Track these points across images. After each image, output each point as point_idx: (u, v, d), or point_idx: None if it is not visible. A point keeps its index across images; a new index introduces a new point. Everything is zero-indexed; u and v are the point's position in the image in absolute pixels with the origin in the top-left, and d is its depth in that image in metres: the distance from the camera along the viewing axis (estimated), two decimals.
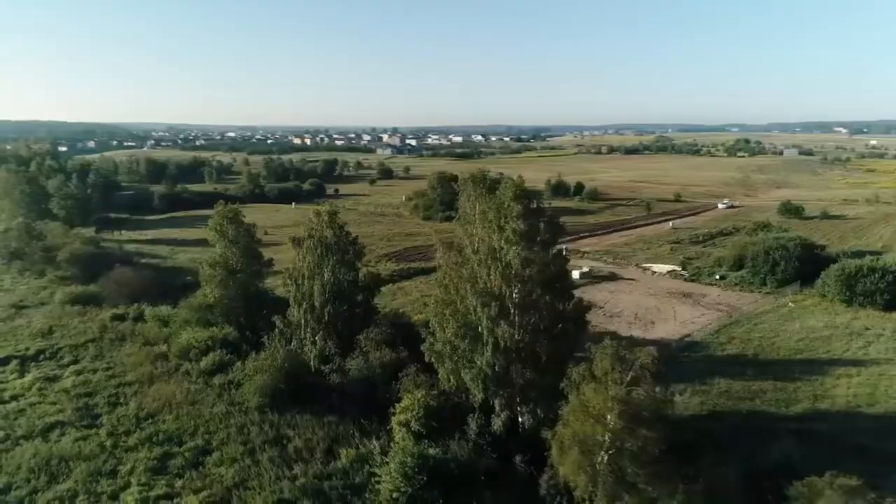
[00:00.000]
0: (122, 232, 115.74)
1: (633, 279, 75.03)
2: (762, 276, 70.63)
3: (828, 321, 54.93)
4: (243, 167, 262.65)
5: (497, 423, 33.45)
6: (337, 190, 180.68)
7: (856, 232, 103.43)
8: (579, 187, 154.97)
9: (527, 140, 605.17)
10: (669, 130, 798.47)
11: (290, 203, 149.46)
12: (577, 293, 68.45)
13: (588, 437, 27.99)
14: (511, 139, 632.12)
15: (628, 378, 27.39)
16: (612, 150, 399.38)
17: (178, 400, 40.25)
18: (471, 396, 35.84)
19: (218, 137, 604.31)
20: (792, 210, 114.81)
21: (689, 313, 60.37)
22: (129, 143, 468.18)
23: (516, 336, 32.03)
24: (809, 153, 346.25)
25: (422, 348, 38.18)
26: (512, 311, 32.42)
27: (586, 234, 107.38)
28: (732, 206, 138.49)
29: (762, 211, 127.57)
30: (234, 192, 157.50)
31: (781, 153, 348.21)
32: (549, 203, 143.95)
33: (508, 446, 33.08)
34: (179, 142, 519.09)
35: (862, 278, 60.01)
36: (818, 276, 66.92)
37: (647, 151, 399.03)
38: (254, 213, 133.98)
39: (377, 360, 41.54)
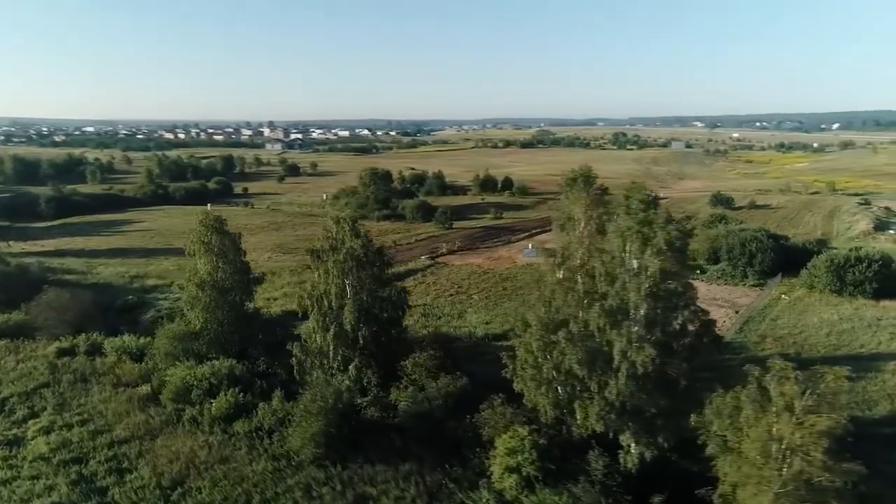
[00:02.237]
0: (10, 243, 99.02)
1: None
2: (742, 268, 71.06)
3: (839, 313, 55.35)
4: (125, 165, 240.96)
5: (630, 461, 29.02)
6: (246, 189, 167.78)
7: (788, 221, 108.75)
8: (507, 182, 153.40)
9: (414, 134, 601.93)
10: (542, 125, 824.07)
11: (204, 204, 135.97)
12: None
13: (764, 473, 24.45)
14: (398, 133, 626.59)
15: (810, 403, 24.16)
16: (507, 143, 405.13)
17: (203, 458, 32.32)
18: (577, 429, 31.28)
19: (77, 133, 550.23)
20: (722, 201, 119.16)
21: None
22: None
23: (653, 358, 27.70)
24: (689, 146, 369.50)
25: (506, 374, 33.33)
26: (645, 331, 28.05)
27: (537, 230, 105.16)
28: (657, 198, 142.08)
29: (690, 202, 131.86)
30: (134, 193, 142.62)
31: (667, 146, 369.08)
32: (483, 199, 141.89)
33: (641, 485, 28.87)
34: (35, 137, 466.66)
35: (850, 268, 61.36)
36: (790, 267, 68.50)
37: (540, 145, 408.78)
38: (165, 218, 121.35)
39: (437, 391, 35.72)
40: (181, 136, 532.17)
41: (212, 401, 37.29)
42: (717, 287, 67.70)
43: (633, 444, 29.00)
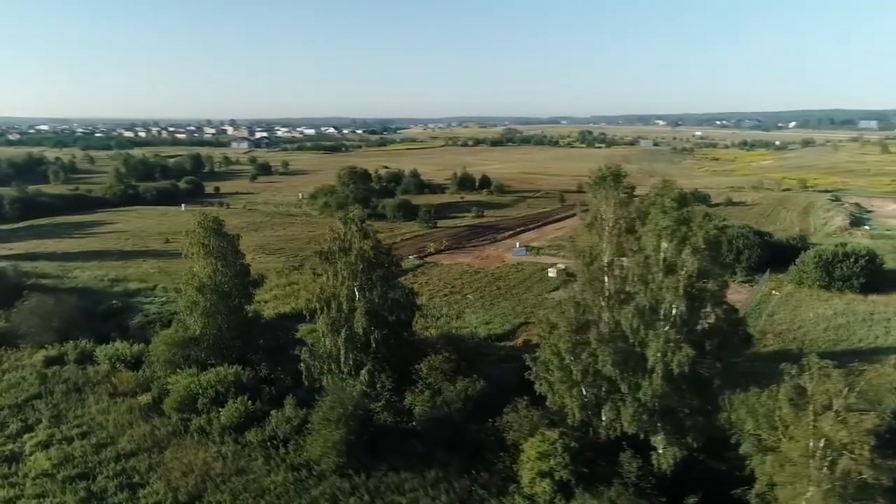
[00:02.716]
0: None
1: None
2: (730, 265, 71.77)
3: (832, 308, 56.29)
4: (87, 164, 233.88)
5: (664, 462, 28.65)
6: (218, 188, 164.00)
7: (765, 217, 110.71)
8: (485, 180, 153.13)
9: (381, 132, 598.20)
10: (507, 123, 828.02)
11: (176, 205, 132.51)
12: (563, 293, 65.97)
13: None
14: (364, 131, 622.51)
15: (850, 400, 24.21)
16: (477, 142, 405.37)
17: (218, 470, 31.02)
18: (603, 431, 30.92)
19: (32, 131, 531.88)
20: (699, 198, 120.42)
21: None
22: None
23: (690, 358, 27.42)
24: (656, 144, 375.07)
25: (529, 377, 32.79)
26: (680, 330, 27.73)
27: (520, 228, 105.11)
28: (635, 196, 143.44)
29: None
30: (103, 193, 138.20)
31: (635, 144, 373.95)
32: (462, 197, 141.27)
33: (675, 487, 28.58)
34: None
35: (838, 263, 62.51)
36: (776, 263, 69.58)
37: (510, 143, 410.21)
38: (139, 219, 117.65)
39: (456, 394, 34.93)
40: (141, 134, 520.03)
41: (220, 409, 35.88)
42: None
43: (666, 445, 28.60)
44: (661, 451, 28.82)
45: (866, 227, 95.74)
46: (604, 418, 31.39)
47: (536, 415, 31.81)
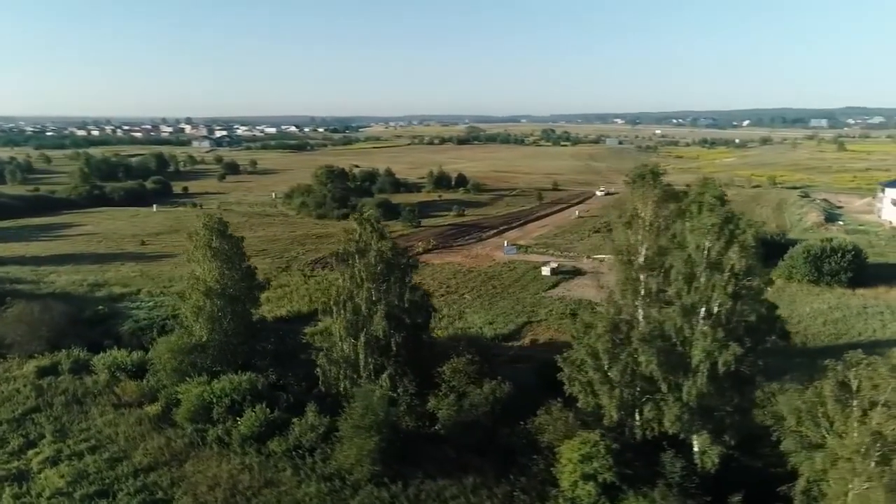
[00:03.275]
0: None
1: (599, 272, 73.42)
2: None
3: (826, 302, 57.44)
4: (43, 164, 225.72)
5: (709, 461, 28.52)
6: (186, 188, 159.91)
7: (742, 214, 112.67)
8: (461, 179, 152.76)
9: (343, 130, 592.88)
10: (467, 121, 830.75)
11: (144, 205, 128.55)
12: (562, 291, 66.07)
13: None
14: (326, 130, 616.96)
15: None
16: (444, 140, 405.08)
17: (247, 483, 29.74)
18: (639, 431, 30.70)
19: None
20: (674, 195, 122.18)
21: None
22: None
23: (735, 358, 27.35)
24: (620, 143, 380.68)
25: (561, 378, 32.37)
26: (726, 329, 27.62)
27: (504, 226, 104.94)
28: (609, 194, 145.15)
29: None
30: (67, 194, 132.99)
31: (598, 142, 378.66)
32: (440, 196, 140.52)
33: (717, 485, 28.49)
34: None
35: (826, 258, 63.91)
36: (765, 257, 70.93)
37: (476, 142, 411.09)
38: (109, 220, 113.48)
39: (485, 397, 34.27)
40: (95, 133, 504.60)
41: (237, 419, 34.47)
42: None
43: (709, 444, 28.47)
44: (704, 451, 28.67)
45: (840, 223, 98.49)
46: (637, 419, 31.18)
47: (572, 416, 31.38)
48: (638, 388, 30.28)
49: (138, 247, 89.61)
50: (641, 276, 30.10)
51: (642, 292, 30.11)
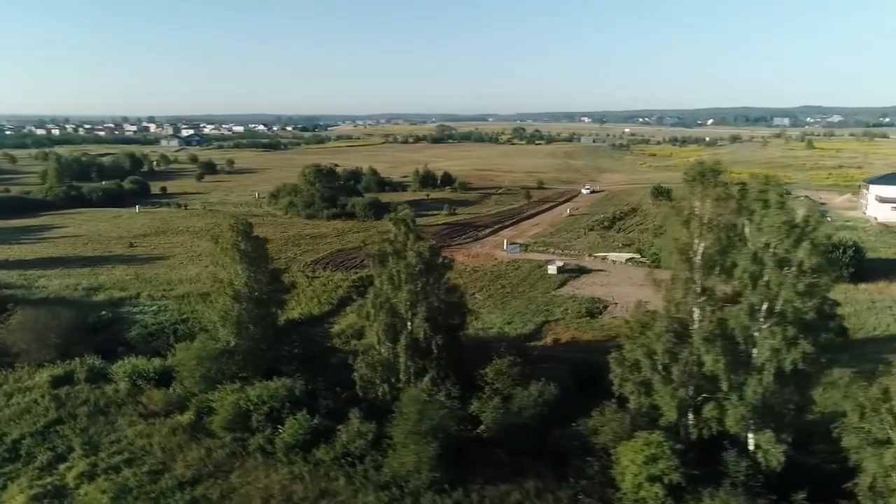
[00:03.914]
0: None
1: (602, 270, 73.73)
2: None
3: (834, 297, 58.11)
4: (7, 164, 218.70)
5: (774, 459, 28.39)
6: (164, 188, 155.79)
7: None
8: (446, 178, 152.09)
9: (312, 129, 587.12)
10: (434, 120, 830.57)
11: (122, 206, 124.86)
12: (571, 290, 65.96)
13: None
14: (295, 128, 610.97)
15: None
16: (418, 139, 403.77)
17: (301, 494, 28.70)
18: (695, 431, 30.51)
19: None
20: (663, 193, 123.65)
21: None
22: None
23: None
24: (594, 141, 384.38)
25: (612, 378, 32.05)
26: (794, 328, 27.55)
27: (498, 225, 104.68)
28: (594, 192, 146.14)
29: (628, 195, 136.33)
30: (43, 195, 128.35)
31: (571, 140, 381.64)
32: (427, 195, 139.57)
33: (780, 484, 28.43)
34: None
35: (828, 254, 64.83)
36: None
37: (450, 140, 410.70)
38: (91, 222, 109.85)
39: (533, 399, 33.73)
40: (55, 132, 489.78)
41: (276, 426, 33.33)
42: None
43: (773, 443, 28.39)
44: (767, 449, 28.56)
45: (828, 219, 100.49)
46: (691, 418, 31.01)
47: (628, 417, 31.04)
48: (691, 388, 30.10)
49: (127, 249, 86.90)
50: (697, 275, 29.87)
51: (698, 290, 29.88)
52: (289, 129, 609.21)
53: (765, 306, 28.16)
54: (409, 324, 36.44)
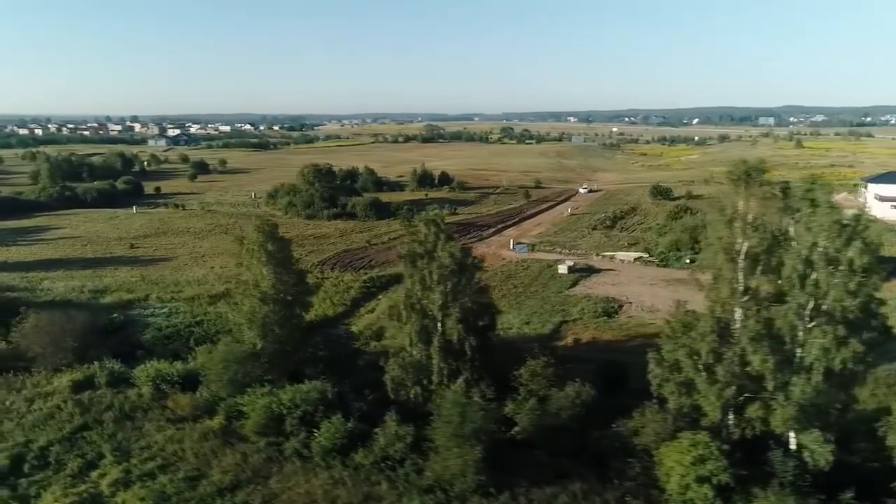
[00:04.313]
0: None
1: (611, 270, 73.77)
2: None
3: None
4: None
5: (822, 459, 28.32)
6: (158, 188, 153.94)
7: None
8: (444, 177, 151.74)
9: (299, 129, 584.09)
10: (420, 119, 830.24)
11: (117, 206, 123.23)
12: (583, 289, 65.85)
13: None
14: (281, 128, 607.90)
15: None
16: (408, 138, 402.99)
17: (346, 500, 28.25)
18: (737, 431, 30.40)
19: None
20: (661, 192, 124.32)
21: None
22: None
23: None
24: (584, 140, 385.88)
25: (651, 378, 31.89)
26: (845, 328, 27.50)
27: (500, 225, 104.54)
28: (592, 191, 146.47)
29: (626, 194, 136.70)
30: (36, 196, 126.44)
31: (561, 140, 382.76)
32: (426, 195, 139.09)
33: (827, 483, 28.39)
34: None
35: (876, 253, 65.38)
36: None
37: (441, 140, 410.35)
38: (87, 223, 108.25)
39: (571, 401, 33.48)
40: (38, 132, 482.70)
41: (310, 430, 32.82)
42: None
43: (821, 442, 28.34)
44: (815, 449, 28.49)
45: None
46: (731, 418, 30.93)
47: (671, 418, 30.88)
48: (735, 388, 29.99)
49: (128, 250, 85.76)
50: (740, 275, 29.76)
51: (741, 290, 29.77)
52: (276, 128, 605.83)
53: (810, 305, 28.15)
54: (439, 325, 36.10)
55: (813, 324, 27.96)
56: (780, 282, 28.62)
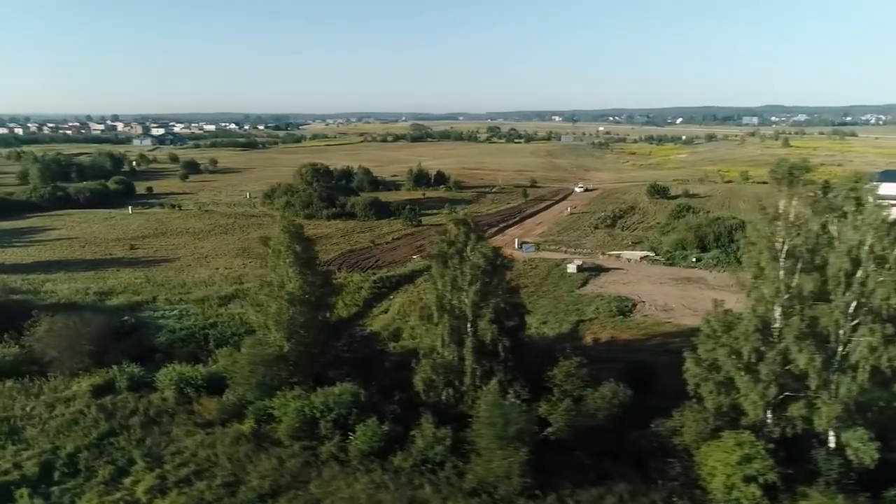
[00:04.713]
0: None
1: (619, 268, 73.84)
2: (734, 254, 74.33)
3: None
4: None
5: (867, 457, 28.36)
6: (151, 189, 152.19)
7: (725, 208, 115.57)
8: (440, 177, 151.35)
9: (284, 128, 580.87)
10: (405, 119, 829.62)
11: (109, 207, 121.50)
12: (594, 288, 65.83)
13: None
14: (266, 126, 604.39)
15: None
16: (397, 137, 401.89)
17: None
18: (777, 429, 30.39)
19: None
20: (658, 191, 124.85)
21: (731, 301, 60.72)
22: None
23: None
24: (573, 139, 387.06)
25: (688, 378, 31.83)
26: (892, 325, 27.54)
27: (502, 224, 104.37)
28: (588, 190, 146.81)
29: (623, 192, 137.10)
30: (28, 196, 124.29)
31: (549, 139, 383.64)
32: (424, 194, 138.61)
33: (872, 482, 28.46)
34: None
35: None
36: None
37: (429, 139, 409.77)
38: (83, 224, 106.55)
39: (608, 401, 33.29)
40: (18, 131, 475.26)
41: (346, 434, 32.35)
42: (720, 274, 70.24)
43: (866, 441, 28.39)
44: (859, 447, 28.54)
45: None
46: (770, 416, 30.92)
47: (712, 417, 30.79)
48: (777, 387, 29.99)
49: (128, 251, 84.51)
50: (782, 273, 29.75)
51: (782, 288, 29.77)
52: (261, 127, 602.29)
53: (854, 304, 28.20)
54: (469, 325, 35.80)
55: (857, 322, 28.03)
56: (823, 280, 28.62)
